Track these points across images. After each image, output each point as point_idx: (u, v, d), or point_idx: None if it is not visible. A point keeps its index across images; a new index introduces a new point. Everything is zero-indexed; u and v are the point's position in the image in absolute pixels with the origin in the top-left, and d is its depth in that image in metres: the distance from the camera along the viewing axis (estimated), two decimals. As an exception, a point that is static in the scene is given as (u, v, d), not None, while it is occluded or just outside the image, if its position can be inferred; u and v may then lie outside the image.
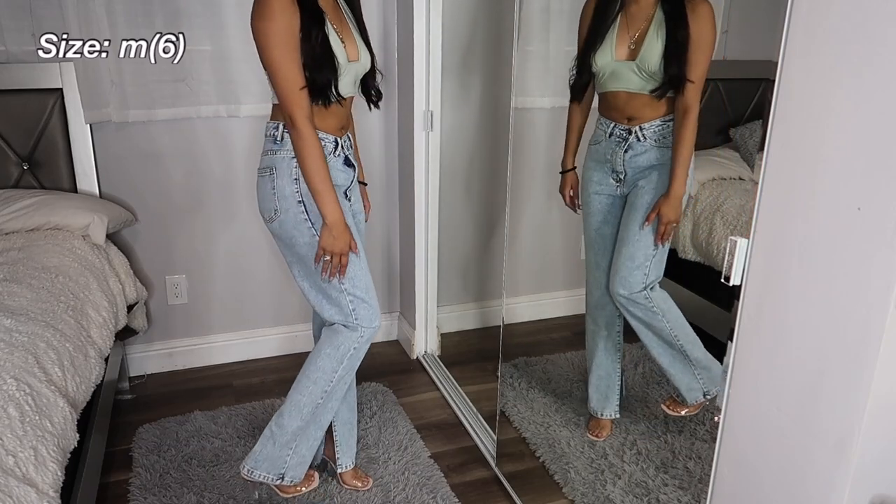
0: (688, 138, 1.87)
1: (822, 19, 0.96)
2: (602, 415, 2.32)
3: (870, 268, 0.93)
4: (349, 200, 1.89)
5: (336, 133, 1.80)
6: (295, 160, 1.73)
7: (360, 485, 2.13)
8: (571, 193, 2.26)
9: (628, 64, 1.91)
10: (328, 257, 1.74)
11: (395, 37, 2.76)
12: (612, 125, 2.02)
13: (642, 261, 2.00)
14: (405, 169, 2.84)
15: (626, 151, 2.00)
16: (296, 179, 1.74)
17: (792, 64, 1.01)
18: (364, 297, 1.84)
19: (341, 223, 1.72)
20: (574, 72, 2.08)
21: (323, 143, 1.75)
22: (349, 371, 1.91)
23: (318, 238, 1.76)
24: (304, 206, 1.75)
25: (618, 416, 2.32)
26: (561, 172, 2.26)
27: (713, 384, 2.10)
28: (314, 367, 1.88)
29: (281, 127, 1.74)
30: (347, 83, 1.76)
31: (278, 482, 1.98)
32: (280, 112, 1.73)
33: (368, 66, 1.83)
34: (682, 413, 2.20)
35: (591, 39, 1.98)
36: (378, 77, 1.90)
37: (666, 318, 2.03)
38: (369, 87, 1.88)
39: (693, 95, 1.84)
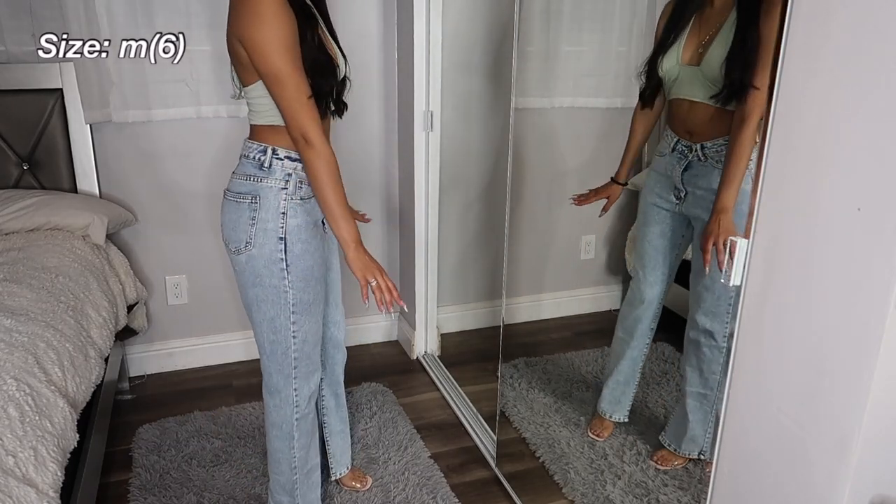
0: (742, 152, 1.68)
1: (821, 19, 0.96)
2: (611, 417, 2.32)
3: (870, 268, 0.93)
4: (325, 225, 1.70)
5: None
6: (285, 191, 1.55)
7: (359, 486, 2.13)
8: (592, 201, 2.14)
9: (692, 69, 1.79)
10: (374, 282, 1.54)
11: (395, 37, 2.76)
12: (675, 139, 1.91)
13: (722, 291, 1.88)
14: (405, 169, 2.84)
15: (685, 170, 1.89)
16: (283, 213, 1.55)
17: (792, 64, 1.01)
18: (311, 353, 1.71)
19: (361, 244, 1.55)
20: (643, 76, 1.98)
21: None
22: (306, 436, 1.80)
23: (286, 282, 1.59)
24: (285, 244, 1.57)
25: (626, 420, 2.32)
26: (612, 179, 2.16)
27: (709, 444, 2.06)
28: (272, 451, 1.81)
29: (270, 151, 1.56)
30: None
31: None
32: (266, 133, 1.57)
33: (343, 73, 1.63)
34: (672, 465, 2.15)
35: (662, 42, 1.86)
36: (347, 85, 1.65)
37: (722, 356, 1.94)
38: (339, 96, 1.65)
39: (753, 104, 1.66)
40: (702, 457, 2.11)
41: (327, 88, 1.52)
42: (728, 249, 1.13)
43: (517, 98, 2.15)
